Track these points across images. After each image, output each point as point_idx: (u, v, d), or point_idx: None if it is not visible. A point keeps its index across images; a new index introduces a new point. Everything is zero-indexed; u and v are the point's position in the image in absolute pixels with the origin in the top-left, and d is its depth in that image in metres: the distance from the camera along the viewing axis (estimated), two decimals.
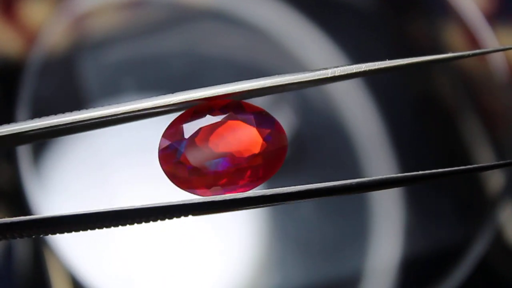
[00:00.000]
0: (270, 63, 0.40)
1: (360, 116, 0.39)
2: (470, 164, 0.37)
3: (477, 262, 0.34)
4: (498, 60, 0.36)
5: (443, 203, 0.38)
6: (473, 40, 0.37)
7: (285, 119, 0.38)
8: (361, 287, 0.37)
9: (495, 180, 0.36)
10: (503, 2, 0.41)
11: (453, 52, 0.18)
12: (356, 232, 0.38)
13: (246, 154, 0.17)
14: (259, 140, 0.17)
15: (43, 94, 0.34)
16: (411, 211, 0.38)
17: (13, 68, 0.38)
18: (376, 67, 0.18)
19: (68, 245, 0.32)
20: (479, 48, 0.37)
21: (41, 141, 0.18)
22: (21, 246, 0.34)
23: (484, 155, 0.38)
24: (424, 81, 0.40)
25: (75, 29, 0.37)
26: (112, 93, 0.38)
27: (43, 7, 0.39)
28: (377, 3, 0.41)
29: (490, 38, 0.36)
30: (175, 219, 0.17)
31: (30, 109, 0.33)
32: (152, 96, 0.18)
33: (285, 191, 0.16)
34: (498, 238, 0.37)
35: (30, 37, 0.38)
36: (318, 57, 0.40)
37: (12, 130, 0.17)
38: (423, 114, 0.40)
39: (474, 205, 0.38)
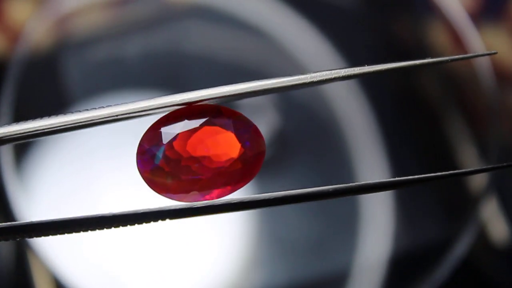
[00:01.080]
0: (256, 62, 0.40)
1: (346, 115, 0.39)
2: (454, 164, 0.38)
3: (460, 260, 0.34)
4: (482, 60, 0.36)
5: (427, 201, 0.38)
6: (457, 39, 0.37)
7: (268, 121, 0.38)
8: (347, 285, 0.37)
9: (477, 179, 0.36)
10: (488, 1, 0.41)
11: (433, 56, 0.18)
12: (343, 231, 0.38)
13: (224, 159, 0.17)
14: (237, 145, 0.17)
15: (26, 93, 0.34)
16: (396, 210, 0.38)
17: None
18: (355, 72, 0.18)
19: (51, 247, 0.32)
20: (463, 47, 0.37)
21: (21, 142, 0.18)
22: (4, 249, 0.34)
23: (468, 155, 0.38)
24: (409, 81, 0.40)
25: (58, 27, 0.37)
26: (95, 91, 0.37)
27: (27, 6, 0.39)
28: (362, 2, 0.41)
29: (474, 37, 0.36)
30: (152, 223, 0.17)
31: (13, 107, 0.33)
32: (132, 98, 0.18)
33: (261, 198, 0.16)
34: (481, 236, 0.37)
35: (14, 36, 0.38)
36: (303, 54, 0.40)
37: None
38: (407, 113, 0.40)
39: (457, 203, 0.38)
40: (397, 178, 0.16)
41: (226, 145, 0.17)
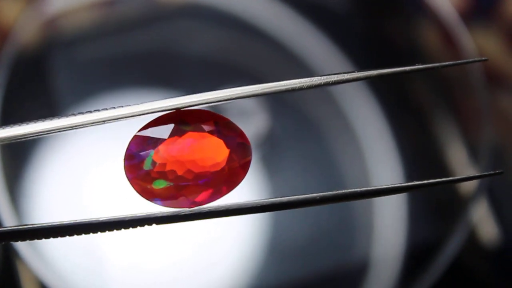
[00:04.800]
0: (248, 61, 0.40)
1: (335, 118, 0.39)
2: (445, 168, 0.38)
3: (450, 261, 0.34)
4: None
5: (417, 202, 0.38)
6: (449, 40, 0.37)
7: (256, 123, 0.38)
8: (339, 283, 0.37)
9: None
10: (479, 2, 0.41)
11: (424, 58, 0.18)
12: (335, 229, 0.38)
13: (211, 165, 0.17)
14: (225, 150, 0.17)
15: (14, 92, 0.34)
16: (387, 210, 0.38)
17: None
18: (345, 78, 0.18)
19: (39, 254, 0.32)
20: (455, 48, 0.37)
21: (6, 143, 0.18)
22: None
23: (459, 158, 0.38)
24: (399, 83, 0.40)
25: (47, 27, 0.37)
26: (84, 91, 0.37)
27: (16, 5, 0.38)
28: (353, 2, 0.41)
29: (465, 38, 0.36)
30: (138, 228, 0.17)
31: (1, 107, 0.33)
32: (124, 97, 0.18)
33: (250, 205, 0.16)
34: (471, 237, 0.37)
35: (2, 35, 0.38)
36: (296, 53, 0.40)
37: None
38: (397, 116, 0.40)
39: (447, 204, 0.38)
40: (390, 185, 0.16)
41: (213, 151, 0.17)
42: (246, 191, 0.37)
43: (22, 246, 0.31)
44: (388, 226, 0.38)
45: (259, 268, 0.36)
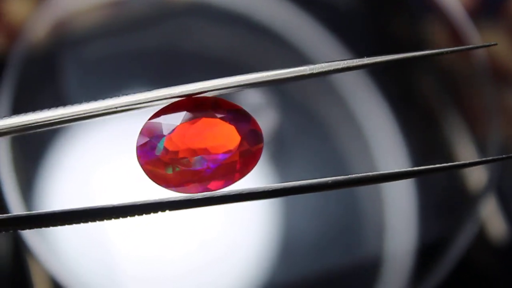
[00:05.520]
0: (254, 59, 0.40)
1: (342, 113, 0.40)
2: (452, 161, 0.38)
3: (458, 258, 0.34)
4: (480, 56, 0.36)
5: (425, 198, 0.38)
6: (456, 37, 0.37)
7: (265, 119, 0.38)
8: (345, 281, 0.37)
9: (476, 176, 0.36)
10: None
11: (433, 48, 0.18)
12: (346, 226, 0.38)
13: (223, 151, 0.17)
14: (237, 137, 0.17)
15: (24, 90, 0.34)
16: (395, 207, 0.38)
17: None
18: (354, 64, 0.18)
19: (50, 248, 0.32)
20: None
21: (17, 134, 0.18)
22: (2, 250, 0.34)
23: (466, 154, 0.38)
24: (406, 78, 0.40)
25: (57, 25, 0.37)
26: (93, 89, 0.38)
27: (26, 3, 0.39)
28: (359, 0, 0.41)
29: (473, 35, 0.36)
30: (152, 214, 0.17)
31: (11, 105, 0.33)
32: (131, 93, 0.18)
33: (261, 190, 0.16)
34: (480, 234, 0.37)
35: (13, 33, 0.38)
36: (302, 51, 0.40)
37: None
38: (404, 111, 0.40)
39: (456, 201, 0.38)
40: (397, 170, 0.16)
41: (224, 137, 0.17)
42: (253, 186, 0.37)
43: (32, 240, 0.31)
44: (399, 222, 0.38)
45: (270, 265, 0.36)
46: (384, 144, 0.39)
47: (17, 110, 0.33)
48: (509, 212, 0.38)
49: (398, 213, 0.38)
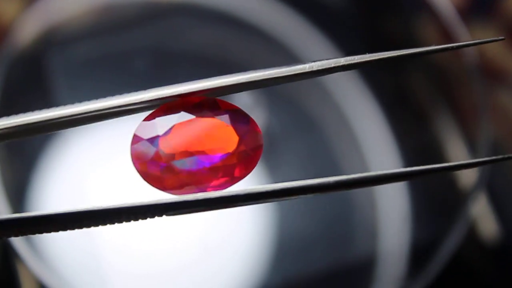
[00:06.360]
0: (245, 59, 0.39)
1: (332, 113, 0.39)
2: (442, 161, 0.38)
3: (449, 258, 0.34)
4: (470, 55, 0.36)
5: (416, 198, 0.38)
6: (447, 36, 0.37)
7: (255, 116, 0.38)
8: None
9: (467, 175, 0.36)
10: None
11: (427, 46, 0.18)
12: (340, 227, 0.38)
13: (221, 153, 0.17)
14: (234, 138, 0.17)
15: (12, 92, 0.34)
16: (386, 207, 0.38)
17: None
18: (355, 61, 0.17)
19: (39, 255, 0.32)
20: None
21: (12, 140, 0.17)
22: None
23: (457, 153, 0.38)
24: (397, 78, 0.40)
25: (45, 26, 0.36)
26: (82, 90, 0.37)
27: (14, 4, 0.38)
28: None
29: (464, 34, 0.36)
30: (148, 219, 0.17)
31: None
32: (123, 93, 0.17)
33: (259, 190, 0.16)
34: (471, 234, 0.37)
35: (0, 34, 0.38)
36: (293, 50, 0.40)
37: None
38: (395, 110, 0.40)
39: (446, 200, 0.38)
40: (392, 171, 0.16)
41: (222, 138, 0.17)
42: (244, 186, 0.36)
43: (20, 246, 0.30)
44: (391, 223, 0.38)
45: (263, 265, 0.36)
46: (375, 143, 0.39)
47: (3, 112, 0.33)
48: (500, 212, 0.38)
49: (390, 213, 0.38)
